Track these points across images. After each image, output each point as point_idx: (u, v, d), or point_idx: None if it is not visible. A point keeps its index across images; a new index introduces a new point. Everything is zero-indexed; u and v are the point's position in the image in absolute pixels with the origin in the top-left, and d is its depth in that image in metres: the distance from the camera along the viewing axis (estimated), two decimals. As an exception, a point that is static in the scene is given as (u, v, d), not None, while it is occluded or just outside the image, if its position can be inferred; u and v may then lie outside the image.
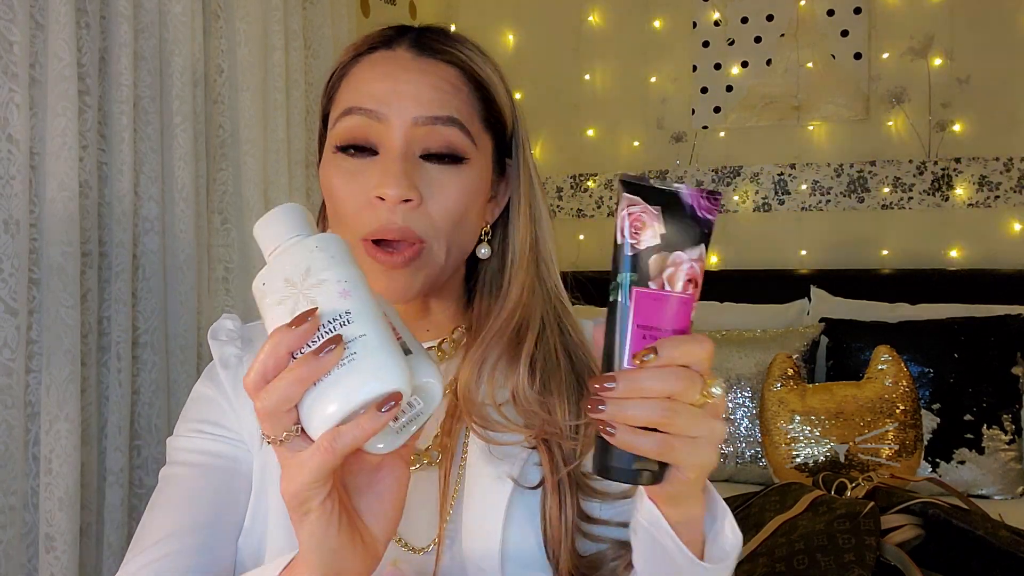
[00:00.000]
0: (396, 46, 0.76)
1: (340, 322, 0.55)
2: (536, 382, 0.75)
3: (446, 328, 0.81)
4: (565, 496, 0.73)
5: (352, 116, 0.73)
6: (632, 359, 0.55)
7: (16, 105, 1.40)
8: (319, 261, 0.57)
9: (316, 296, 0.56)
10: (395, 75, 0.74)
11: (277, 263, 0.59)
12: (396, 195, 0.70)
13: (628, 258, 0.57)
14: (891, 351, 2.13)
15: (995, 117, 2.65)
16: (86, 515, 1.54)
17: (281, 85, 2.02)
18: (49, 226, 1.45)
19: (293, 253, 0.58)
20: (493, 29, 3.12)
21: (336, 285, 0.57)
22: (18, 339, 1.39)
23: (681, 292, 0.57)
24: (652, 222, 0.57)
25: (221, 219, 1.90)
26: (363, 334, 0.55)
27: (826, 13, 2.78)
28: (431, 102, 0.73)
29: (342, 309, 0.56)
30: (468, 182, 0.75)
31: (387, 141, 0.73)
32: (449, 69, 0.75)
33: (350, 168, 0.74)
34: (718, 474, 2.31)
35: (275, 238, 0.60)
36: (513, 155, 0.81)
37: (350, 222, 0.74)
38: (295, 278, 0.57)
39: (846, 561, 1.36)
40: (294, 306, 0.56)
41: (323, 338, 0.54)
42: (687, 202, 0.57)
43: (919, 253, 2.73)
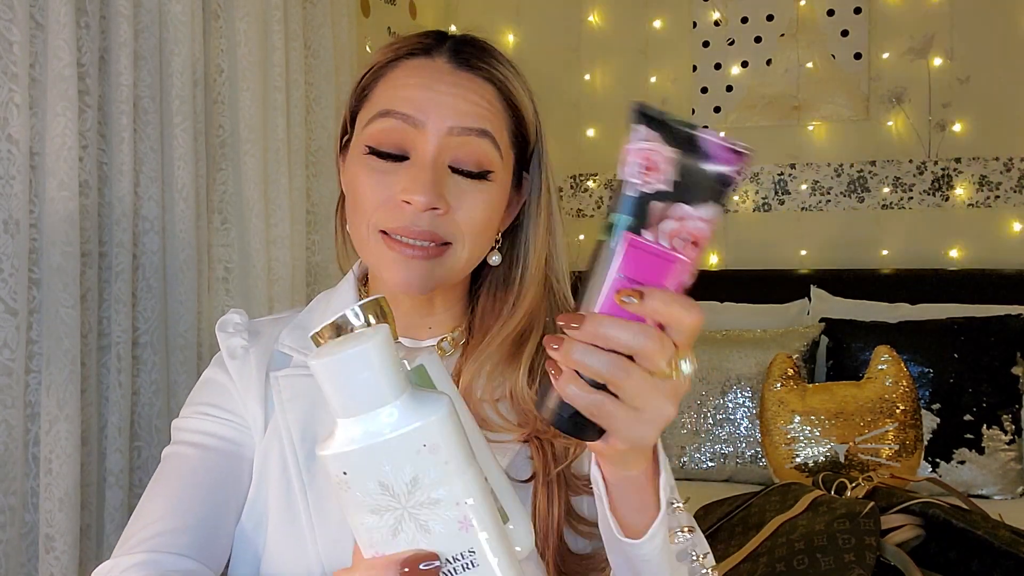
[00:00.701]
0: (435, 55, 0.77)
1: (462, 563, 0.46)
2: (535, 383, 0.77)
3: (447, 326, 0.83)
4: (554, 490, 0.74)
5: (388, 119, 0.74)
6: (615, 295, 0.50)
7: (16, 105, 1.40)
8: (429, 468, 0.45)
9: (428, 521, 0.46)
10: (433, 84, 0.75)
11: (366, 455, 0.45)
12: (424, 203, 0.71)
13: (628, 199, 0.50)
14: (891, 351, 2.13)
15: (995, 117, 2.65)
16: (86, 515, 1.53)
17: (281, 85, 2.02)
18: (49, 226, 1.45)
19: (391, 448, 0.45)
20: (493, 29, 3.12)
21: (455, 511, 0.46)
22: (18, 339, 1.39)
23: (678, 251, 0.50)
24: (663, 164, 0.50)
25: (221, 219, 1.90)
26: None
27: (826, 13, 2.78)
28: (467, 114, 0.74)
29: (464, 548, 0.46)
30: (493, 196, 0.77)
31: (420, 147, 0.74)
32: (486, 85, 0.77)
33: (379, 168, 0.75)
34: (718, 474, 2.31)
35: (354, 403, 0.46)
36: (532, 169, 0.83)
37: (370, 216, 0.75)
38: (396, 488, 0.45)
39: (846, 561, 1.36)
40: (397, 524, 0.46)
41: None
42: (708, 150, 0.50)
43: (919, 253, 2.73)
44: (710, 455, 2.31)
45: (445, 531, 0.45)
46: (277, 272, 2.01)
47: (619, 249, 0.50)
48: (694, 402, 2.35)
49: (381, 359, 0.45)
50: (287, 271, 2.03)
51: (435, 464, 0.45)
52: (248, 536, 0.76)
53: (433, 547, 0.46)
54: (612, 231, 0.51)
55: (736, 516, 1.60)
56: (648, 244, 0.50)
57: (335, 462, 0.46)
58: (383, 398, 0.45)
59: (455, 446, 0.45)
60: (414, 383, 0.52)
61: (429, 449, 0.44)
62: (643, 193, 0.50)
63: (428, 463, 0.45)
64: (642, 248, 0.50)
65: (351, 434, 0.45)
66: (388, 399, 0.45)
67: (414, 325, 0.83)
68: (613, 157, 2.14)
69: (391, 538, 0.46)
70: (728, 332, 2.46)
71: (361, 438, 0.45)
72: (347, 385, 0.45)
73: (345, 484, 0.46)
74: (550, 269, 0.82)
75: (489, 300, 0.82)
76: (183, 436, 0.80)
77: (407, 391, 0.46)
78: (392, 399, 0.45)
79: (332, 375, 0.45)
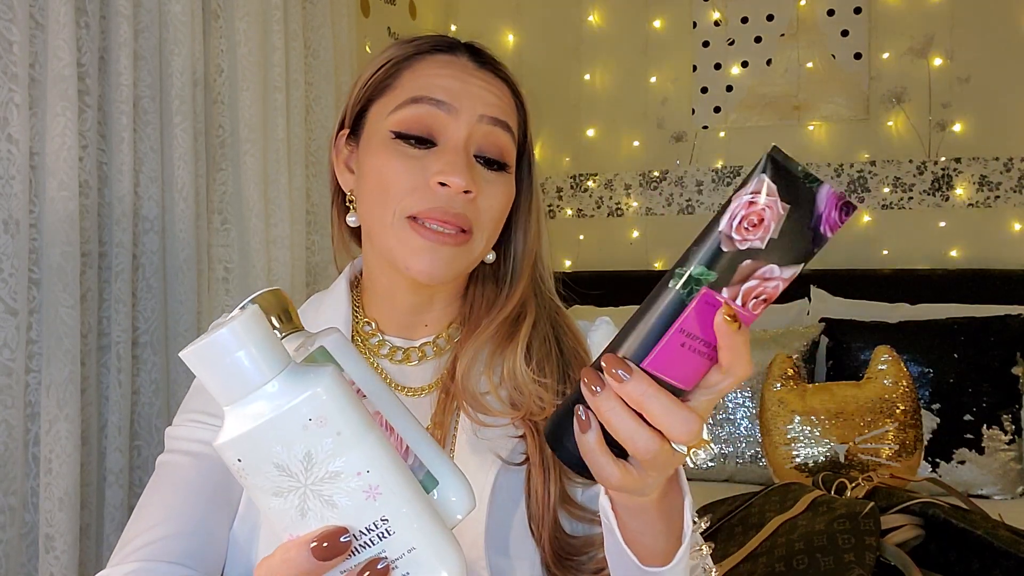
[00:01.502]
0: (457, 54, 0.81)
1: (377, 534, 0.45)
2: (532, 361, 0.79)
3: (442, 323, 0.85)
4: (549, 472, 0.75)
5: (421, 105, 0.77)
6: (658, 356, 0.47)
7: (16, 105, 1.40)
8: (321, 442, 0.43)
9: (332, 496, 0.44)
10: (463, 77, 0.79)
11: (253, 437, 0.43)
12: (461, 184, 0.74)
13: (720, 254, 0.46)
14: (891, 351, 2.13)
15: (995, 117, 2.65)
16: (86, 515, 1.54)
17: (281, 85, 2.02)
18: (49, 226, 1.45)
19: (276, 428, 0.43)
20: (493, 29, 3.12)
21: (357, 481, 0.44)
22: (18, 339, 1.39)
23: (751, 311, 0.46)
24: (771, 221, 0.45)
25: (221, 219, 1.90)
26: (412, 547, 0.45)
27: (826, 13, 2.78)
28: (495, 106, 0.79)
29: (375, 517, 0.45)
30: (508, 188, 0.80)
31: (451, 133, 0.77)
32: (503, 84, 0.82)
33: (410, 153, 0.76)
34: (718, 474, 2.31)
35: (231, 388, 0.44)
36: (523, 166, 0.85)
37: (399, 201, 0.76)
38: (292, 467, 0.44)
39: (846, 561, 1.36)
40: (302, 504, 0.44)
41: (358, 564, 0.45)
42: (819, 208, 0.45)
43: (919, 253, 2.73)
44: (710, 455, 2.31)
45: (352, 503, 0.44)
46: (277, 272, 2.01)
47: (692, 304, 0.46)
48: (694, 402, 2.35)
49: (248, 339, 0.43)
50: (287, 271, 2.03)
51: (326, 436, 0.43)
52: (241, 543, 0.76)
53: (342, 521, 0.44)
54: (682, 280, 0.46)
55: (736, 516, 1.60)
56: (722, 304, 0.46)
57: (227, 451, 0.44)
58: (259, 378, 0.43)
59: (345, 416, 0.44)
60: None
61: (316, 423, 0.43)
62: (738, 251, 0.46)
63: (318, 437, 0.43)
64: (716, 306, 0.46)
65: (236, 420, 0.44)
66: (264, 378, 0.44)
67: (411, 324, 0.84)
68: (613, 157, 2.15)
69: (300, 519, 0.45)
70: (728, 332, 2.46)
71: (245, 422, 0.43)
72: (218, 371, 0.44)
73: (243, 472, 0.44)
74: (538, 265, 0.85)
75: (479, 296, 0.85)
76: (176, 444, 0.80)
77: (287, 368, 0.44)
78: (268, 378, 0.44)
79: (201, 363, 0.44)
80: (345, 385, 0.45)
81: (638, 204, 3.01)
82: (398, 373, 0.83)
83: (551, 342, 0.81)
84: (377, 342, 0.84)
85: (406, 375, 0.83)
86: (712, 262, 0.46)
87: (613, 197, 3.03)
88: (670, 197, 2.97)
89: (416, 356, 0.84)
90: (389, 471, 0.45)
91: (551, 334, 0.82)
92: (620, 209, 3.02)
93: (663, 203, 2.98)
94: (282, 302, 0.59)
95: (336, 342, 0.57)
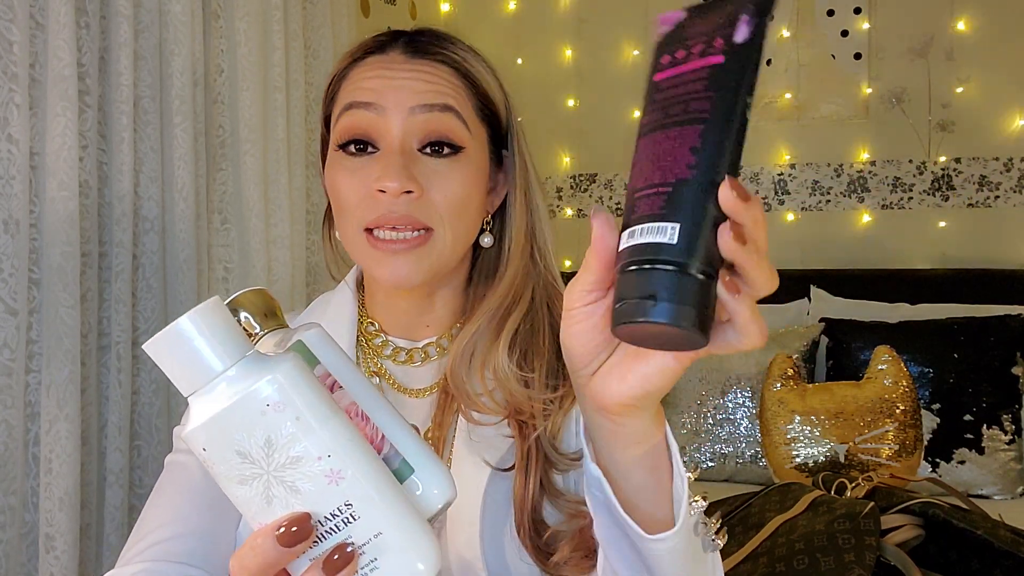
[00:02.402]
0: (389, 50, 0.79)
1: (342, 519, 0.45)
2: (516, 356, 0.76)
3: (447, 323, 0.84)
4: (531, 466, 0.74)
5: (351, 112, 0.76)
6: (728, 186, 0.44)
7: (16, 105, 1.40)
8: (281, 427, 0.44)
9: (296, 481, 0.44)
10: (390, 73, 0.76)
11: (214, 425, 0.44)
12: (397, 187, 0.72)
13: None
14: (891, 351, 2.13)
15: (995, 117, 2.65)
16: (86, 515, 1.54)
17: (281, 85, 2.02)
18: (49, 226, 1.45)
19: (235, 414, 0.43)
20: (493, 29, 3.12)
21: (318, 465, 0.44)
22: (18, 339, 1.39)
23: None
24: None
25: (221, 219, 1.90)
26: (378, 532, 0.45)
27: (826, 13, 2.78)
28: (426, 92, 0.76)
29: (339, 502, 0.44)
30: (467, 171, 0.77)
31: (386, 134, 0.75)
32: (441, 67, 0.78)
33: (352, 166, 0.76)
34: (718, 474, 2.31)
35: (192, 376, 0.45)
36: (509, 146, 0.83)
37: (352, 214, 0.76)
38: (254, 453, 0.44)
39: (846, 561, 1.36)
40: (266, 491, 0.44)
41: (325, 550, 0.45)
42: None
43: (919, 253, 2.73)
44: (710, 455, 2.31)
45: (315, 488, 0.44)
46: (277, 272, 2.01)
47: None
48: (694, 402, 2.35)
49: (207, 328, 0.44)
50: (287, 271, 2.03)
51: (285, 422, 0.43)
52: (251, 532, 0.76)
53: (306, 507, 0.44)
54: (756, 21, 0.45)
55: (736, 516, 1.60)
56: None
57: (192, 441, 0.45)
58: (218, 366, 0.44)
59: (305, 401, 0.44)
60: None
61: (275, 408, 0.43)
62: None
63: (277, 422, 0.43)
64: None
65: (198, 409, 0.45)
66: (224, 366, 0.44)
67: (413, 325, 0.83)
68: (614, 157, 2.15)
69: (266, 506, 0.45)
70: (728, 332, 2.45)
71: (206, 411, 0.44)
72: (178, 360, 0.44)
73: (209, 461, 0.45)
74: (533, 243, 0.82)
75: (480, 283, 0.83)
76: (183, 444, 0.80)
77: (246, 356, 0.45)
78: (226, 365, 0.44)
79: (162, 353, 0.45)
80: (306, 372, 0.46)
81: (638, 204, 3.01)
82: (402, 375, 0.83)
83: (544, 332, 0.78)
84: (381, 343, 0.84)
85: (410, 376, 0.83)
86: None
87: (613, 197, 3.03)
88: (670, 197, 2.97)
89: (419, 357, 0.83)
90: (352, 456, 0.45)
91: (545, 322, 0.79)
92: (620, 209, 3.02)
93: (663, 203, 2.98)
94: (265, 300, 0.59)
95: (315, 336, 0.57)
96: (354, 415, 0.54)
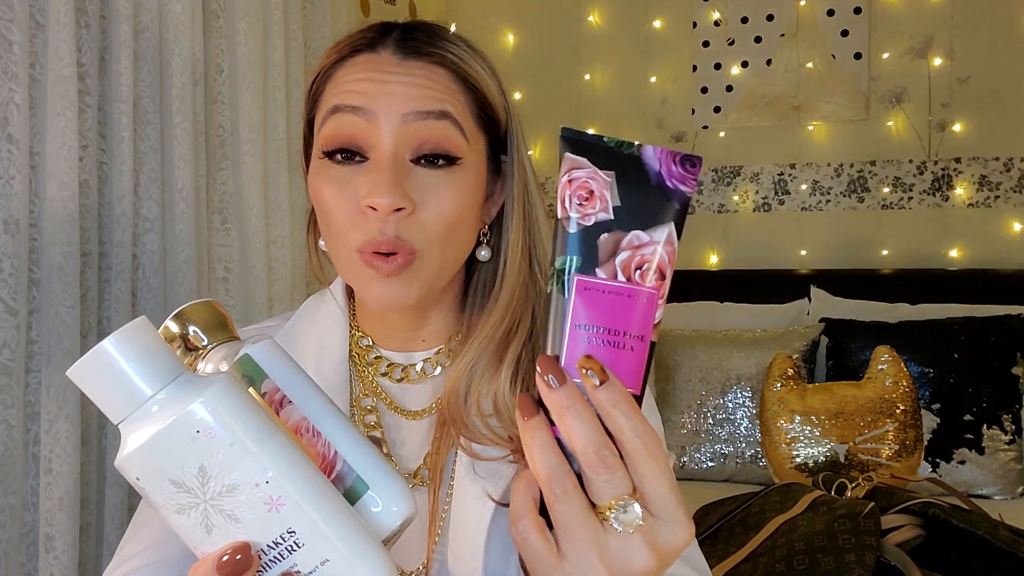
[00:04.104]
0: (380, 48, 0.72)
1: (285, 547, 0.43)
2: (519, 386, 0.71)
3: (442, 337, 0.78)
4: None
5: (338, 115, 0.69)
6: (578, 367, 0.44)
7: (16, 105, 1.40)
8: (213, 454, 0.41)
9: (234, 510, 0.42)
10: (381, 77, 0.69)
11: (144, 454, 0.41)
12: (388, 204, 0.66)
13: (570, 236, 0.44)
14: (891, 351, 2.13)
15: (995, 117, 2.65)
16: (86, 515, 1.54)
17: (281, 85, 2.02)
18: (49, 226, 1.45)
19: (165, 441, 0.41)
20: (493, 29, 3.12)
21: (256, 493, 0.42)
22: (18, 339, 1.39)
23: (639, 284, 0.44)
24: (602, 191, 0.44)
25: (221, 219, 1.90)
26: (324, 559, 0.43)
27: (826, 13, 2.78)
28: (420, 98, 0.69)
29: (281, 529, 0.42)
30: (463, 184, 0.70)
31: (376, 143, 0.68)
32: (437, 69, 0.71)
33: (338, 176, 0.69)
34: (718, 474, 2.31)
35: (119, 403, 0.42)
36: (508, 152, 0.76)
37: (341, 234, 0.70)
38: (188, 482, 0.42)
39: (846, 561, 1.36)
40: (205, 520, 0.42)
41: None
42: (652, 167, 0.45)
43: (919, 253, 2.73)
44: (710, 455, 2.31)
45: (254, 516, 0.42)
46: (277, 272, 2.01)
47: (569, 295, 0.44)
48: (694, 402, 2.35)
49: (132, 350, 0.41)
50: (287, 271, 2.03)
51: (217, 449, 0.41)
52: None
53: (247, 536, 0.42)
54: (556, 279, 0.44)
55: (736, 516, 1.60)
56: (601, 283, 0.43)
57: (125, 472, 0.42)
58: (144, 390, 0.41)
59: (239, 424, 0.42)
60: (245, 375, 0.50)
61: (204, 435, 0.41)
62: (584, 227, 0.44)
63: (209, 449, 0.41)
64: (594, 289, 0.43)
65: (128, 438, 0.42)
66: (151, 390, 0.42)
67: (408, 339, 0.78)
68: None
69: (207, 536, 0.43)
70: (728, 332, 2.46)
71: (136, 439, 0.41)
72: (103, 386, 0.42)
73: (145, 491, 0.42)
74: (532, 259, 0.75)
75: (477, 299, 0.77)
76: None
77: (177, 379, 0.42)
78: (155, 389, 0.42)
79: (86, 379, 0.42)
80: (239, 392, 0.43)
81: (638, 204, 3.01)
82: (399, 393, 0.77)
83: None
84: (375, 358, 0.78)
85: (407, 396, 0.77)
86: (567, 248, 0.44)
87: (613, 197, 3.03)
88: (670, 197, 2.97)
89: (415, 375, 0.78)
90: (293, 480, 0.42)
91: None
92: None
93: (663, 203, 2.98)
94: (214, 312, 0.56)
95: (263, 349, 0.54)
96: (304, 431, 0.52)
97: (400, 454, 0.76)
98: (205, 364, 0.54)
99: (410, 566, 0.73)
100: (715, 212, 2.92)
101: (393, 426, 0.77)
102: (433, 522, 0.73)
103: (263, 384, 0.52)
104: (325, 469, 0.50)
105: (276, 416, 0.51)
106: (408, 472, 0.75)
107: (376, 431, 0.76)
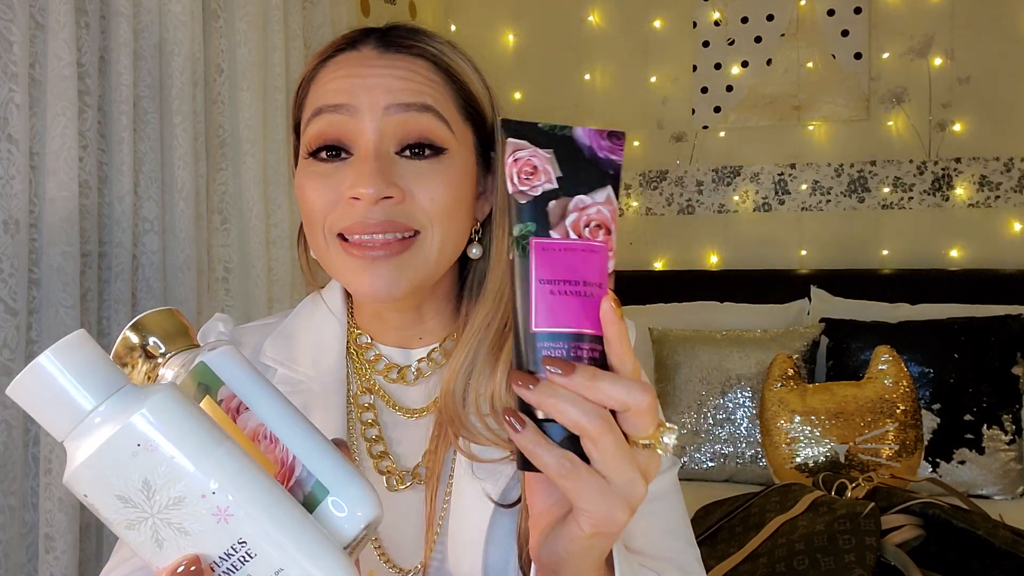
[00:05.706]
0: (361, 47, 0.72)
1: (238, 558, 0.42)
2: None
3: (438, 335, 0.78)
4: None
5: (321, 116, 0.69)
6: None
7: (16, 105, 1.40)
8: (156, 468, 0.40)
9: (183, 523, 0.41)
10: (361, 71, 0.70)
11: (88, 470, 0.40)
12: (372, 195, 0.66)
13: (522, 207, 0.50)
14: (891, 351, 2.13)
15: (995, 117, 2.65)
16: (86, 515, 1.53)
17: (281, 85, 2.02)
18: (49, 226, 1.45)
19: (107, 456, 0.40)
20: (493, 29, 3.12)
21: (203, 504, 0.41)
22: (18, 339, 1.39)
23: (590, 239, 0.50)
24: (544, 165, 0.50)
25: (221, 219, 1.90)
26: (279, 569, 0.42)
27: (826, 13, 2.78)
28: (402, 90, 0.69)
29: (232, 540, 0.42)
30: (451, 173, 0.70)
31: (359, 137, 0.68)
32: (418, 61, 0.71)
33: (322, 171, 0.69)
34: (718, 474, 2.31)
35: (60, 419, 0.41)
36: (496, 147, 0.76)
37: (321, 219, 0.69)
38: (134, 497, 0.41)
39: (846, 561, 1.36)
40: (155, 535, 0.42)
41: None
42: (583, 143, 0.52)
43: (919, 253, 2.73)
44: (710, 455, 2.31)
45: (204, 528, 0.41)
46: (277, 272, 2.01)
47: (529, 258, 0.49)
48: (694, 402, 2.35)
49: (71, 364, 0.41)
50: (287, 271, 2.03)
51: (160, 462, 0.40)
52: None
53: (198, 548, 0.42)
54: (515, 246, 0.50)
55: (736, 516, 1.60)
56: (557, 242, 0.50)
57: (73, 488, 0.42)
58: (82, 407, 0.41)
59: (181, 434, 0.41)
60: (201, 384, 0.50)
61: (145, 448, 0.40)
62: (533, 197, 0.50)
63: (151, 463, 0.40)
64: (551, 248, 0.49)
65: (72, 454, 0.41)
66: (91, 403, 0.41)
67: (404, 338, 0.78)
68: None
69: (158, 550, 0.42)
70: (728, 332, 2.46)
71: (79, 455, 0.41)
72: (43, 402, 0.41)
73: (93, 507, 0.42)
74: None
75: (471, 299, 0.76)
76: None
77: (118, 391, 0.42)
78: (93, 404, 0.41)
79: (26, 396, 0.41)
80: (181, 401, 0.42)
81: (638, 204, 3.01)
82: (398, 392, 0.77)
83: None
84: (373, 357, 0.78)
85: (405, 395, 0.77)
86: (522, 217, 0.50)
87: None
88: (670, 197, 2.97)
89: (413, 373, 0.77)
90: (242, 489, 0.42)
91: None
92: (620, 209, 3.02)
93: (663, 203, 2.98)
94: (174, 320, 0.55)
95: (219, 356, 0.53)
96: (262, 438, 0.51)
97: (398, 452, 0.76)
98: (164, 373, 0.53)
99: (407, 565, 0.73)
100: (715, 212, 2.92)
101: (391, 424, 0.76)
102: (431, 521, 0.73)
103: (219, 391, 0.52)
104: (283, 475, 0.49)
105: (233, 423, 0.51)
106: (406, 470, 0.75)
107: (373, 428, 0.76)
